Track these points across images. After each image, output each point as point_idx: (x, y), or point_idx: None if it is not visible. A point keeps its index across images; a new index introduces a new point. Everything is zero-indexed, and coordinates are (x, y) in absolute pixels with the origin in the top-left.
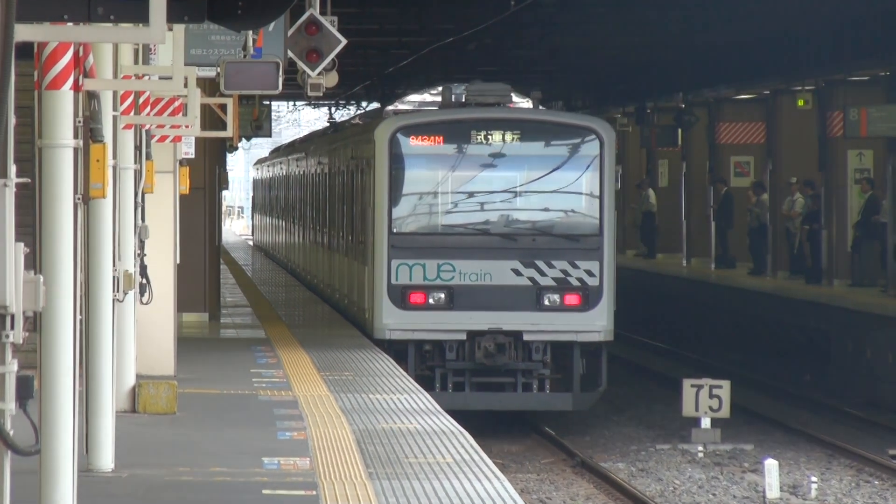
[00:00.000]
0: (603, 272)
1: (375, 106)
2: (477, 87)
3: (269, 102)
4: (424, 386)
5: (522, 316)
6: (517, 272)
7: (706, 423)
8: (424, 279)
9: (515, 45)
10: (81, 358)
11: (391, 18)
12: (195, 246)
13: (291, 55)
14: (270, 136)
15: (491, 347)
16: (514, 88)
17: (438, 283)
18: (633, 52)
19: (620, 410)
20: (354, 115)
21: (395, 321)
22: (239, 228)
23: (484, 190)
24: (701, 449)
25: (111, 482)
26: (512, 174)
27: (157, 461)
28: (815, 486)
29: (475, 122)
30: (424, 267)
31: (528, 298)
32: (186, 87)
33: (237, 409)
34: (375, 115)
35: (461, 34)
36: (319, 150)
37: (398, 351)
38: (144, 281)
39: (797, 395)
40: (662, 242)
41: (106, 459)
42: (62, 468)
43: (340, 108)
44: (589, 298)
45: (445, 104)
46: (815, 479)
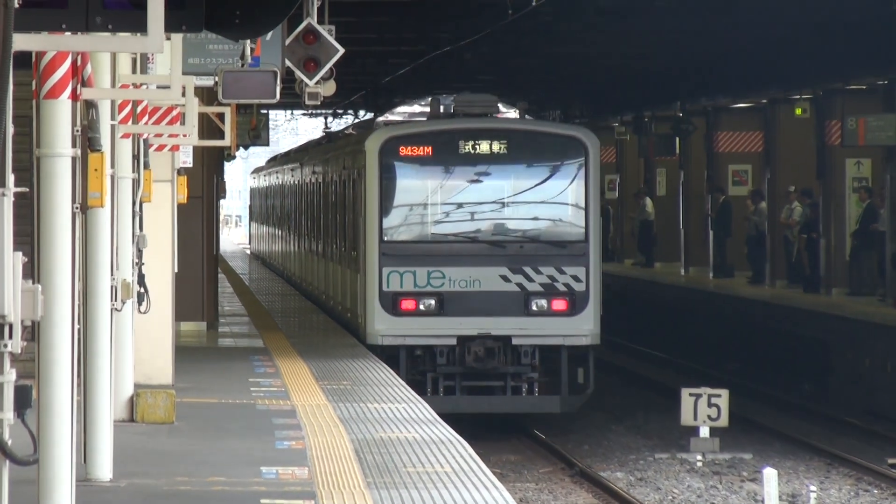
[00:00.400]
0: (589, 278)
1: (372, 115)
2: (464, 98)
3: (266, 111)
4: (416, 390)
5: (511, 321)
6: (505, 278)
7: (705, 432)
8: (415, 286)
9: (513, 54)
10: (79, 367)
11: (389, 27)
12: (193, 255)
13: (289, 64)
14: (268, 144)
15: (480, 352)
16: (505, 98)
17: (429, 289)
18: (630, 61)
19: (619, 419)
20: (348, 125)
21: (386, 327)
22: (237, 237)
23: (472, 198)
24: (700, 458)
25: (109, 491)
26: (499, 183)
27: (155, 470)
28: (813, 495)
29: (463, 132)
30: (415, 274)
31: (516, 304)
32: (184, 96)
33: (235, 418)
34: (367, 125)
35: (459, 43)
36: (314, 159)
37: (390, 356)
38: (142, 290)
39: (796, 404)
40: (660, 251)
41: (104, 469)
42: (60, 477)
43: (338, 117)
44: (576, 303)
45: (434, 115)
46: (813, 488)
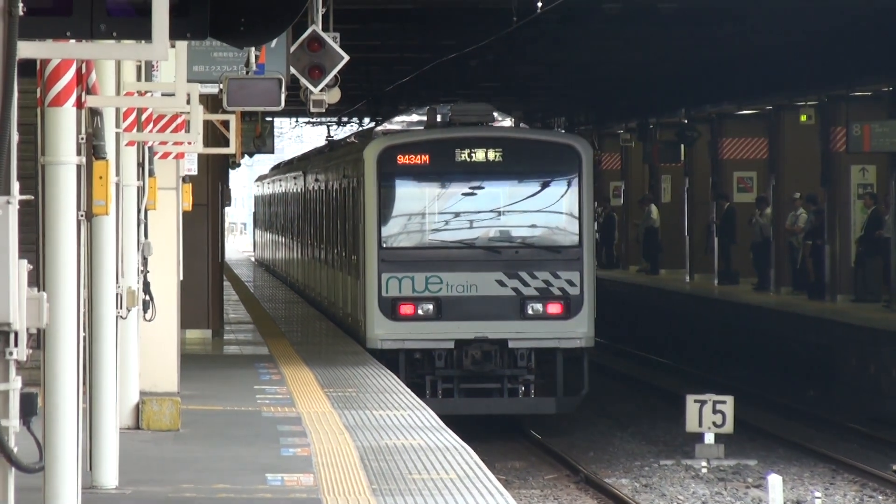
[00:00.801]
0: (583, 282)
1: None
2: (461, 107)
3: (271, 119)
4: (415, 393)
5: (507, 325)
6: (501, 283)
7: (710, 438)
8: (413, 291)
9: (518, 60)
10: (85, 375)
11: (393, 35)
12: (198, 263)
13: (294, 71)
14: (273, 152)
15: (478, 355)
16: (510, 105)
17: (427, 294)
18: (635, 67)
19: (624, 426)
20: (350, 133)
21: (386, 331)
22: (243, 245)
23: (468, 205)
24: (704, 464)
25: (115, 499)
26: (495, 190)
27: (160, 478)
28: (818, 501)
29: (459, 140)
30: (413, 280)
31: (512, 308)
32: (189, 103)
33: (241, 425)
34: (367, 134)
35: (463, 50)
36: (316, 167)
37: (390, 360)
38: (148, 298)
39: (800, 410)
40: (665, 258)
41: (110, 476)
42: (66, 485)
43: (343, 125)
44: (570, 307)
45: (431, 124)
46: (818, 494)
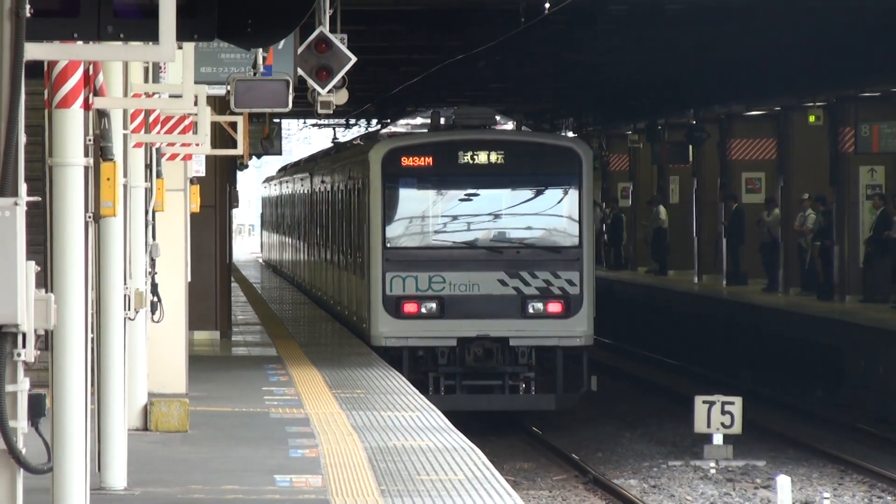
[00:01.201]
0: (583, 281)
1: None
2: (463, 110)
3: (279, 120)
4: (418, 389)
5: (508, 323)
6: (503, 282)
7: (718, 439)
8: (417, 290)
9: (526, 62)
10: (93, 376)
11: (401, 36)
12: (206, 264)
13: (301, 73)
14: (281, 153)
15: (479, 353)
16: (517, 107)
17: (430, 293)
18: (643, 68)
19: (632, 427)
20: (356, 135)
21: (390, 329)
22: (250, 246)
23: (471, 206)
24: (713, 465)
25: (123, 500)
26: (497, 191)
27: (169, 479)
28: (827, 502)
29: (462, 143)
30: (416, 279)
31: (513, 307)
32: (196, 105)
33: (249, 426)
34: (372, 136)
35: (471, 52)
36: (322, 169)
37: (393, 357)
38: (156, 299)
39: (809, 411)
40: (674, 259)
41: (118, 477)
42: (74, 486)
43: (350, 127)
44: (570, 306)
45: (434, 127)
46: (827, 495)
